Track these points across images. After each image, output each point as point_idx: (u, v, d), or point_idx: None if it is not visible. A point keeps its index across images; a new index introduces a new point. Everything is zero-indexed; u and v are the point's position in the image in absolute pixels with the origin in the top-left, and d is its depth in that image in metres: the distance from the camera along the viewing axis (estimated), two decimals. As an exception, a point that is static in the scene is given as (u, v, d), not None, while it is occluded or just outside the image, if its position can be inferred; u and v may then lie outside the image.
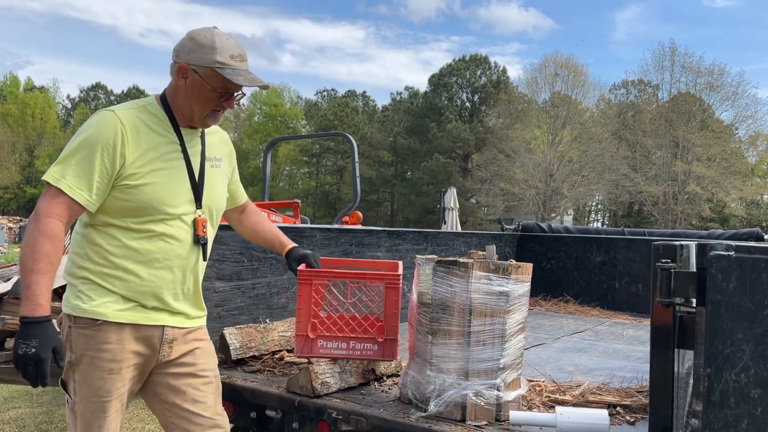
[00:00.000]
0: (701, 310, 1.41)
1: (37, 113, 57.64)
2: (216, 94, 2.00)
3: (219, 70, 1.96)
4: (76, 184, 1.87)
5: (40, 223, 1.83)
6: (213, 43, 1.99)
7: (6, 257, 16.98)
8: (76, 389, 2.00)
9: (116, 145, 1.90)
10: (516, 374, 2.20)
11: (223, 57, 1.98)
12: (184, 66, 2.00)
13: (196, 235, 2.04)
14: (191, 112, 2.04)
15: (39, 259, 1.81)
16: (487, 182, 41.38)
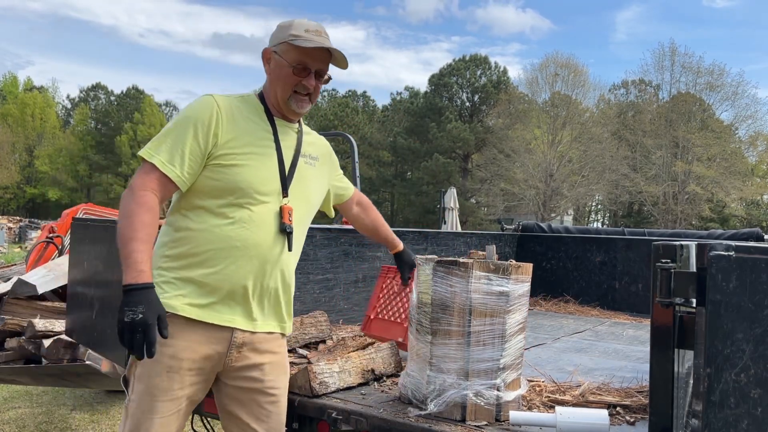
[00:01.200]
0: (701, 310, 1.41)
1: (37, 113, 57.63)
2: (292, 70, 1.99)
3: (291, 41, 1.97)
4: (168, 159, 1.87)
5: (136, 195, 1.82)
6: (291, 22, 2.04)
7: (6, 257, 16.96)
8: (134, 385, 1.91)
9: (210, 124, 1.91)
10: (516, 374, 2.20)
11: (297, 30, 2.00)
12: (266, 51, 2.05)
13: (281, 223, 1.98)
14: (276, 98, 2.04)
15: (139, 228, 1.77)
16: (487, 182, 41.39)
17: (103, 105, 62.74)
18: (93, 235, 2.96)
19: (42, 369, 3.82)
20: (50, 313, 4.23)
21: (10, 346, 3.98)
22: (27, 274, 4.45)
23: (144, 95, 61.35)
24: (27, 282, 4.23)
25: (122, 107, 60.96)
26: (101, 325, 2.76)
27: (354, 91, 58.32)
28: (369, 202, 2.61)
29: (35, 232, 25.40)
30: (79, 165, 57.71)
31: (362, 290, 3.83)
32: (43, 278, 4.32)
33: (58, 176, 56.62)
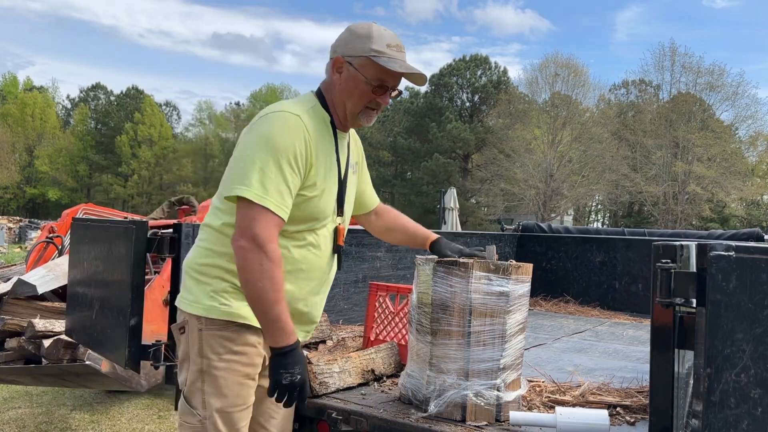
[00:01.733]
0: (701, 311, 1.41)
1: (37, 113, 57.65)
2: (370, 87, 1.89)
3: (374, 58, 1.86)
4: (279, 200, 1.74)
5: (267, 251, 1.71)
6: (369, 32, 1.89)
7: (6, 257, 16.97)
8: (206, 401, 1.83)
9: (304, 153, 1.80)
10: (516, 374, 2.20)
11: (379, 45, 1.88)
12: (339, 59, 1.91)
13: (336, 245, 1.98)
14: (344, 110, 1.94)
15: (279, 289, 1.72)
16: (487, 182, 41.41)
17: (103, 105, 62.77)
18: (93, 235, 2.96)
19: (42, 369, 3.82)
20: (50, 313, 4.23)
21: (10, 346, 3.97)
22: (27, 275, 4.44)
23: (144, 95, 61.37)
24: (27, 282, 4.23)
25: (122, 107, 60.98)
26: (101, 325, 2.76)
27: (354, 91, 58.26)
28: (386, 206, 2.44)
29: (35, 232, 25.39)
30: (79, 165, 57.74)
31: (362, 290, 3.83)
32: (43, 278, 4.31)
33: (58, 176, 56.65)
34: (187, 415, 1.87)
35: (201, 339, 1.84)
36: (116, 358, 2.62)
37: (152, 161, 57.32)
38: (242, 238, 1.72)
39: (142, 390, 4.01)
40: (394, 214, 2.40)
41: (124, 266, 2.53)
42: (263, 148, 1.75)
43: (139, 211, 36.60)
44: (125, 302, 2.48)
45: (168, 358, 2.58)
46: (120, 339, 2.51)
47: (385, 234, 2.41)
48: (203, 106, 63.78)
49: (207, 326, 1.84)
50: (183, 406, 1.89)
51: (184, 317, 1.90)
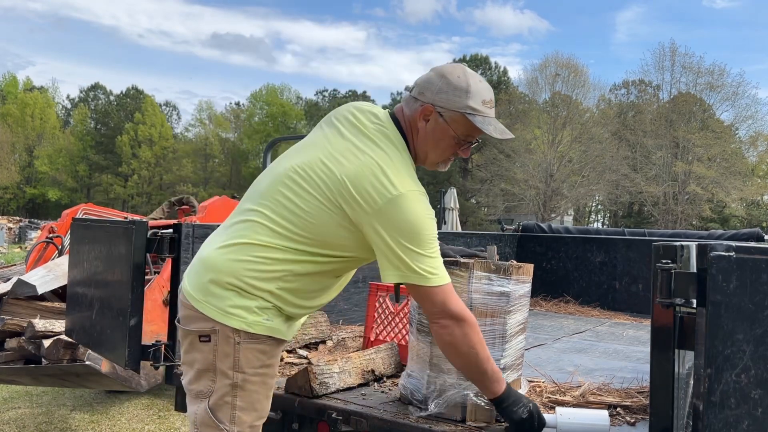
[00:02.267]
0: (701, 311, 1.41)
1: (37, 113, 57.67)
2: (456, 141, 1.85)
3: (470, 117, 1.81)
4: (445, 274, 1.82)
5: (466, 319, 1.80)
6: (468, 85, 1.82)
7: (6, 257, 16.97)
8: (236, 416, 1.78)
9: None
10: (516, 375, 2.20)
11: (475, 102, 1.81)
12: (429, 108, 1.82)
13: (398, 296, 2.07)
14: (425, 157, 1.89)
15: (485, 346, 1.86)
16: (487, 182, 41.43)
17: (103, 105, 62.80)
18: (93, 236, 2.96)
19: (42, 369, 3.82)
20: (50, 313, 4.23)
21: (10, 346, 3.97)
22: (27, 275, 4.44)
23: (143, 95, 61.40)
24: (27, 282, 4.23)
25: (122, 107, 61.03)
26: (101, 326, 2.76)
27: (354, 91, 58.38)
28: None
29: (35, 232, 25.39)
30: (79, 165, 57.78)
31: (362, 290, 3.82)
32: (42, 278, 4.31)
33: (57, 176, 56.68)
34: (211, 428, 1.81)
35: (237, 352, 1.77)
36: (116, 358, 2.62)
37: (152, 161, 57.35)
38: (443, 319, 1.80)
39: (142, 390, 4.02)
40: None
41: (124, 266, 2.53)
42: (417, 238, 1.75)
43: (139, 211, 36.61)
44: (125, 302, 2.47)
45: (168, 358, 2.58)
46: (120, 339, 2.50)
47: None
48: (203, 106, 63.83)
49: (245, 339, 1.77)
50: (206, 417, 1.80)
51: (212, 326, 1.79)
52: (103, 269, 2.79)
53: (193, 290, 1.82)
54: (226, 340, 1.77)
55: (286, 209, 1.79)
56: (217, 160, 58.63)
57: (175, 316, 2.67)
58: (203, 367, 1.81)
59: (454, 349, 1.82)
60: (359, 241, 1.79)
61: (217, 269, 1.80)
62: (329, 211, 1.76)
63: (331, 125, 1.92)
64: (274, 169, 1.93)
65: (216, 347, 1.78)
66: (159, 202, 45.44)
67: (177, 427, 4.84)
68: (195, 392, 1.83)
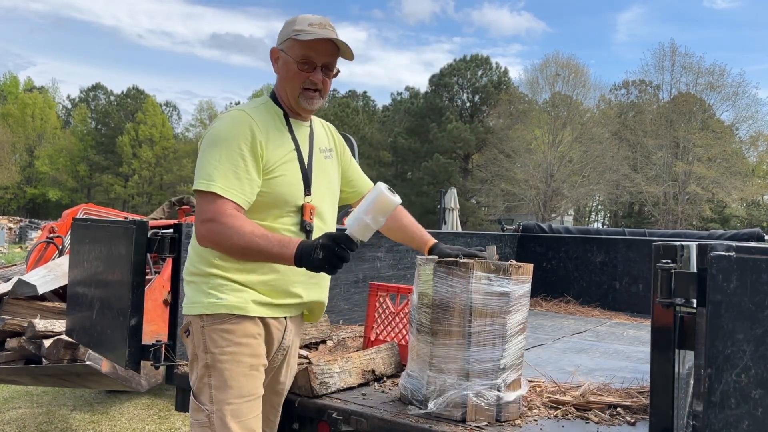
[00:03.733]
0: (702, 311, 1.41)
1: (37, 113, 57.66)
2: (298, 66, 1.96)
3: (296, 37, 1.94)
4: (227, 185, 1.82)
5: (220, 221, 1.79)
6: (295, 18, 2.00)
7: (6, 257, 16.97)
8: (213, 395, 1.86)
9: (253, 140, 1.88)
10: (516, 375, 2.20)
11: (300, 25, 1.96)
12: (273, 50, 2.03)
13: (302, 221, 1.99)
14: (287, 98, 2.02)
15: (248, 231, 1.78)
16: (487, 182, 41.40)
17: (103, 105, 62.77)
18: (93, 236, 2.96)
19: (42, 369, 3.82)
20: (50, 313, 4.23)
21: (11, 346, 3.97)
22: (27, 275, 4.44)
23: (144, 95, 61.38)
24: (27, 282, 4.23)
25: (122, 107, 61.00)
26: (101, 325, 2.76)
27: (354, 91, 58.36)
28: None
29: (35, 232, 25.40)
30: (79, 165, 57.77)
31: (362, 290, 3.82)
32: (43, 278, 4.31)
33: (58, 176, 56.67)
34: (196, 412, 1.89)
35: (204, 335, 1.89)
36: (116, 358, 2.62)
37: (153, 161, 57.34)
38: (199, 227, 1.83)
39: (142, 390, 4.01)
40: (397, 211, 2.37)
41: (125, 266, 2.53)
42: (213, 144, 1.87)
43: (140, 212, 36.60)
44: (125, 302, 2.47)
45: (168, 358, 2.58)
46: (120, 339, 2.50)
47: (385, 229, 2.40)
48: (204, 106, 63.84)
49: (208, 322, 1.89)
50: (192, 403, 1.91)
51: (188, 320, 1.97)
52: (104, 269, 2.79)
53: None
54: (196, 328, 1.92)
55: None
56: (217, 161, 58.46)
57: (176, 316, 2.69)
58: (190, 359, 1.97)
59: (223, 250, 1.85)
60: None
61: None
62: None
63: None
64: None
65: (193, 337, 1.93)
66: (159, 202, 45.44)
67: (177, 427, 4.84)
68: (191, 385, 1.95)
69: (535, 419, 2.17)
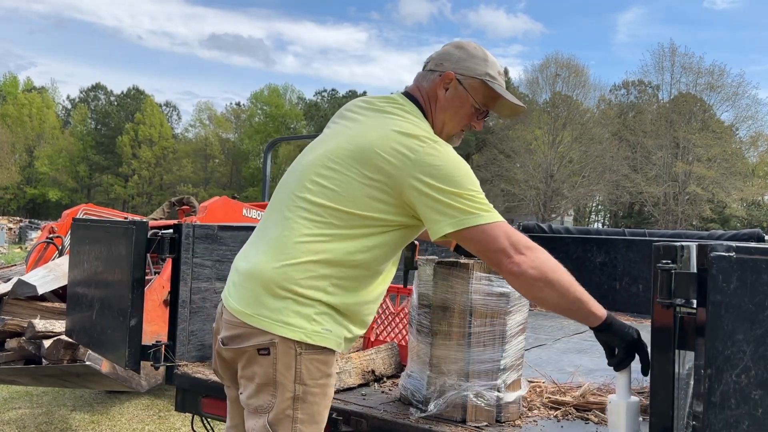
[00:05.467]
0: (702, 311, 1.41)
1: (35, 113, 57.66)
2: (473, 111, 1.87)
3: (490, 83, 1.83)
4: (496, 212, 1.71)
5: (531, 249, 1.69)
6: (485, 55, 1.87)
7: (6, 258, 16.97)
8: (297, 429, 1.70)
9: None
10: (516, 375, 2.20)
11: (493, 71, 1.86)
12: (450, 74, 1.84)
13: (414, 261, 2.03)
14: (441, 128, 1.87)
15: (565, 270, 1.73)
16: (487, 183, 41.39)
17: (103, 105, 62.80)
18: (93, 236, 2.96)
19: (42, 369, 3.82)
20: (50, 313, 4.23)
21: (11, 346, 3.97)
22: (27, 275, 4.45)
23: (144, 96, 61.42)
24: (27, 282, 4.23)
25: (122, 107, 61.04)
26: (101, 326, 2.76)
27: (354, 91, 58.34)
28: None
29: (35, 232, 25.39)
30: (79, 165, 57.80)
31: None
32: (43, 279, 4.31)
33: (58, 177, 56.69)
34: None
35: (299, 364, 1.70)
36: (116, 358, 2.62)
37: (152, 161, 57.36)
38: (516, 255, 1.65)
39: (142, 390, 4.02)
40: None
41: (125, 267, 2.53)
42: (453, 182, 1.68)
43: (140, 212, 36.60)
44: (125, 303, 2.47)
45: (168, 359, 2.58)
46: (120, 339, 2.50)
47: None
48: (203, 106, 63.84)
49: (306, 350, 1.69)
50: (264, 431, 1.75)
51: (271, 339, 1.70)
52: (104, 269, 2.79)
53: (243, 306, 1.73)
54: (286, 352, 1.69)
55: (321, 194, 1.73)
56: (217, 161, 58.62)
57: (176, 316, 2.69)
58: (263, 381, 1.72)
59: (542, 284, 1.66)
60: (399, 208, 1.73)
61: (266, 279, 1.72)
62: (366, 186, 1.70)
63: (344, 117, 1.91)
64: (295, 169, 1.88)
65: (276, 360, 1.70)
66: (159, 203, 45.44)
67: (177, 428, 4.84)
68: (254, 407, 1.75)
69: (535, 420, 2.17)
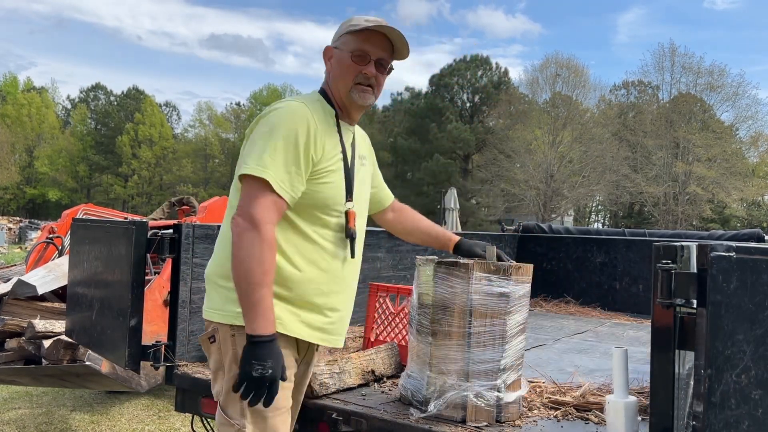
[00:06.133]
0: (702, 311, 1.41)
1: (34, 113, 57.64)
2: (353, 61, 1.90)
3: (351, 29, 1.91)
4: (279, 178, 1.73)
5: (261, 231, 1.67)
6: (351, 18, 1.98)
7: (6, 258, 16.97)
8: (243, 408, 1.75)
9: (308, 138, 1.79)
10: (516, 375, 2.20)
11: (356, 22, 1.93)
12: (328, 48, 1.99)
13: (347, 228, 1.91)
14: (340, 94, 1.95)
15: (268, 272, 1.67)
16: (487, 183, 41.39)
17: (103, 105, 62.78)
18: (93, 236, 2.96)
19: (42, 370, 3.81)
20: (50, 313, 4.23)
21: (10, 346, 3.97)
22: (27, 275, 4.44)
23: (144, 95, 61.40)
24: (27, 283, 4.22)
25: (122, 108, 61.02)
26: (101, 326, 2.76)
27: (354, 91, 58.25)
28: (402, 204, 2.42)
29: (35, 232, 25.39)
30: (79, 165, 57.78)
31: (362, 291, 3.81)
32: (43, 279, 4.31)
33: (57, 177, 56.67)
34: (225, 426, 1.79)
35: (234, 345, 1.77)
36: (116, 358, 2.62)
37: (152, 161, 57.34)
38: (239, 216, 1.71)
39: (142, 390, 4.01)
40: (412, 215, 2.41)
41: (124, 267, 2.53)
42: (270, 132, 1.77)
43: (139, 212, 36.60)
44: (125, 303, 2.47)
45: (168, 359, 2.58)
46: (120, 339, 2.50)
47: (406, 234, 2.43)
48: (203, 106, 63.82)
49: (239, 332, 1.75)
50: (220, 417, 1.82)
51: (213, 326, 1.85)
52: (104, 269, 2.79)
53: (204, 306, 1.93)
54: (225, 336, 1.81)
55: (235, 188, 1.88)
56: (217, 161, 58.63)
57: (176, 316, 2.69)
58: (215, 368, 1.87)
59: (234, 252, 1.69)
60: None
61: (208, 275, 1.93)
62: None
63: None
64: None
65: (220, 345, 1.83)
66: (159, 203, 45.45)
67: (177, 428, 4.84)
68: (215, 396, 1.86)
69: (535, 420, 2.17)
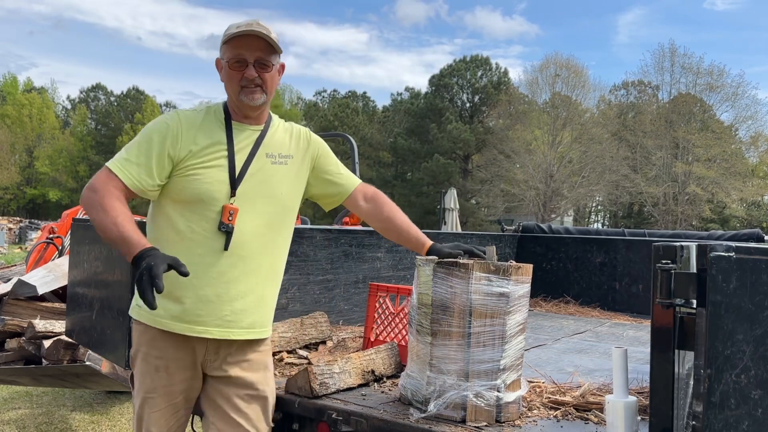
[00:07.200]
0: (701, 311, 1.41)
1: (34, 113, 57.60)
2: (233, 68, 2.06)
3: (225, 39, 2.07)
4: (122, 165, 1.98)
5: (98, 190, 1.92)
6: (228, 27, 2.11)
7: (6, 258, 16.96)
8: (134, 382, 2.12)
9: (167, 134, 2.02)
10: (516, 375, 2.20)
11: (229, 30, 2.08)
12: (217, 61, 2.15)
13: (220, 222, 2.02)
14: (232, 99, 2.13)
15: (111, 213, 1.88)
16: (487, 183, 41.40)
17: (103, 106, 62.75)
18: (93, 236, 2.96)
19: (42, 370, 3.82)
20: (50, 313, 4.23)
21: (11, 346, 3.97)
22: (27, 275, 4.45)
23: (144, 96, 61.37)
24: (27, 283, 4.23)
25: (122, 108, 60.99)
26: (101, 326, 2.76)
27: (354, 91, 58.34)
28: (383, 196, 2.43)
29: (35, 232, 25.39)
30: (79, 166, 57.73)
31: (362, 291, 3.82)
32: (43, 279, 4.31)
33: (58, 177, 56.64)
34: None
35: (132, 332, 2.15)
36: (116, 358, 2.62)
37: (152, 162, 57.24)
38: (84, 190, 1.96)
39: (142, 391, 4.01)
40: (389, 207, 2.41)
41: (124, 267, 2.53)
42: (134, 139, 2.07)
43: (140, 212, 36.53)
44: (125, 302, 2.47)
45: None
46: (120, 339, 2.51)
47: (381, 229, 2.46)
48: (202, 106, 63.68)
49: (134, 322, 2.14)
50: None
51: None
52: (103, 270, 2.79)
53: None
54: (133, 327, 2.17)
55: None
56: (217, 161, 58.53)
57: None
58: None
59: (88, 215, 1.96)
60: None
61: None
62: None
63: None
64: None
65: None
66: (159, 203, 45.30)
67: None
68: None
69: (534, 420, 2.17)
